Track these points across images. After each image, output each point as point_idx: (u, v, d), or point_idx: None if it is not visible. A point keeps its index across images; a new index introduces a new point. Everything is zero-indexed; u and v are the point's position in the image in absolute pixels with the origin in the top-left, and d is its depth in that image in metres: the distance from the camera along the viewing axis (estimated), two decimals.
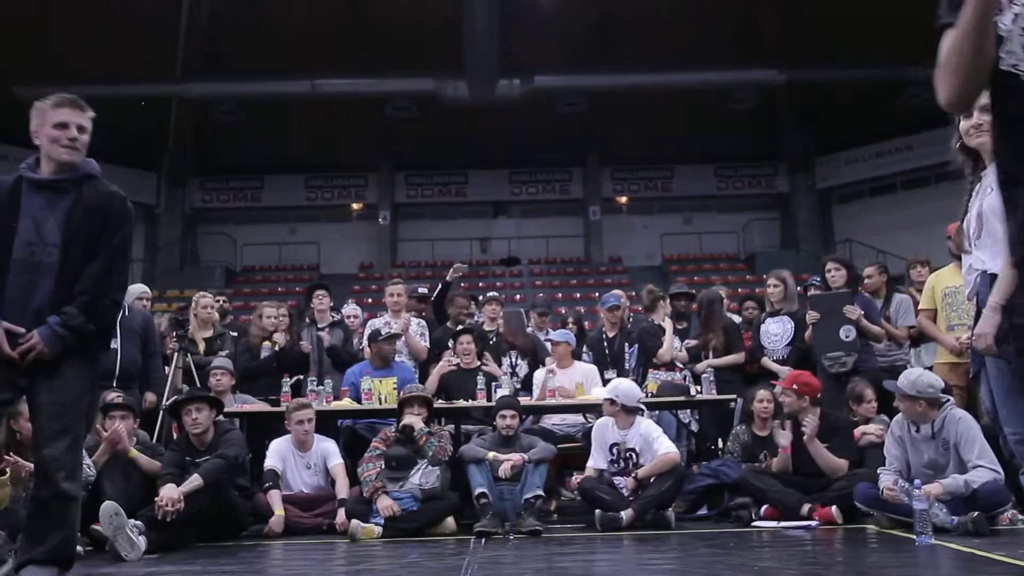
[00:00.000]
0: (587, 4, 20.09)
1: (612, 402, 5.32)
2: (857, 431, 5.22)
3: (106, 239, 3.17)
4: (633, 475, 5.22)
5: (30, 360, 2.98)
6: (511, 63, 18.85)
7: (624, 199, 24.90)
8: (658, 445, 5.19)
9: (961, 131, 2.67)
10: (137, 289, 7.07)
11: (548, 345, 6.93)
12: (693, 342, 6.77)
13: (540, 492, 5.24)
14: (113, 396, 5.27)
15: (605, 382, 6.24)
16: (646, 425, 5.32)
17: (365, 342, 6.88)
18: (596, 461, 5.43)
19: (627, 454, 5.34)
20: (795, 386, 5.10)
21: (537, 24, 18.29)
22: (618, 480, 5.33)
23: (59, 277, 3.08)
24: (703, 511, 5.61)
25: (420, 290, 8.06)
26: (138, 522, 4.54)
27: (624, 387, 5.42)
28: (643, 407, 5.52)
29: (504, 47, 17.89)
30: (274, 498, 5.26)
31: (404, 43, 19.26)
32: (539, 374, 6.45)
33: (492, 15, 16.88)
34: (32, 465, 4.65)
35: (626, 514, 5.05)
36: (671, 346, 6.61)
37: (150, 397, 6.05)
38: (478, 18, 16.94)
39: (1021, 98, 1.66)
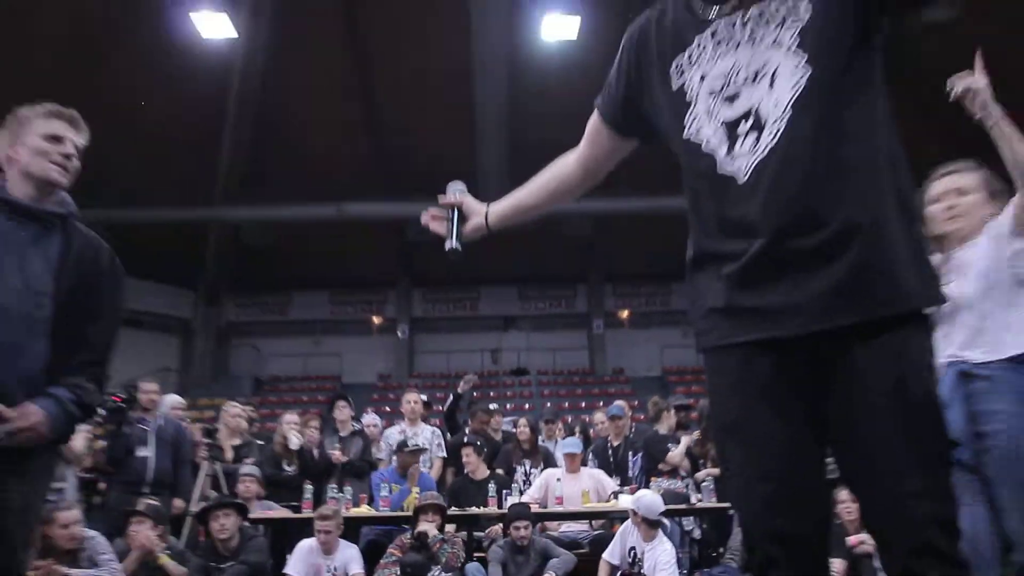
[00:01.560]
0: None
1: (635, 513, 5.25)
2: (854, 538, 5.09)
3: (108, 300, 2.32)
4: None
5: (15, 443, 2.00)
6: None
7: (625, 313, 25.00)
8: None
9: (928, 217, 2.55)
10: (172, 400, 7.13)
11: (558, 455, 6.87)
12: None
13: None
14: (145, 504, 5.24)
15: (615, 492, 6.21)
16: (662, 551, 5.21)
17: (384, 451, 6.84)
18: (612, 556, 5.36)
19: (638, 565, 5.23)
20: None
21: (543, 159, 18.85)
22: None
23: (53, 338, 2.14)
24: None
25: (421, 397, 8.02)
26: None
27: (646, 500, 5.34)
28: (665, 521, 5.44)
29: (512, 177, 18.41)
30: None
31: (423, 172, 19.80)
32: (546, 474, 6.37)
33: (501, 150, 17.53)
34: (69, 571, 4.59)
35: None
36: (683, 452, 6.58)
37: (178, 503, 6.00)
38: (489, 152, 17.58)
39: (701, 167, 1.48)
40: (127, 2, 16.18)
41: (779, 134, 1.37)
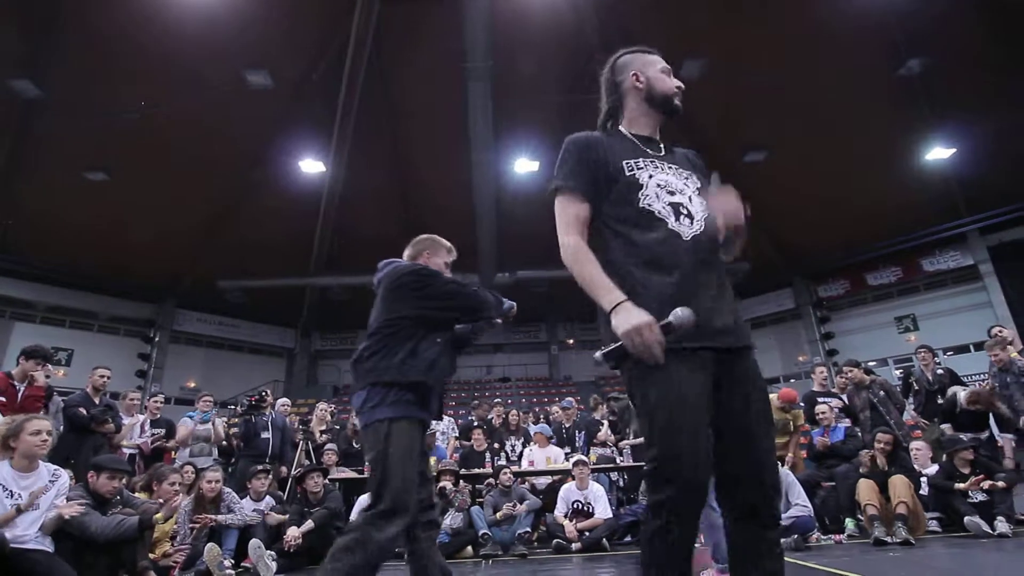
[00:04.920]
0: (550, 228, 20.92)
1: (585, 464, 5.23)
2: None
3: None
4: (575, 524, 5.02)
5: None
6: (503, 264, 19.55)
7: (572, 341, 24.96)
8: (599, 507, 5.05)
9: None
10: (281, 401, 7.03)
11: (531, 432, 6.83)
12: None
13: (528, 529, 5.06)
14: (261, 467, 5.15)
15: (566, 456, 6.15)
16: (598, 490, 5.17)
17: None
18: (559, 509, 5.26)
19: (583, 507, 5.17)
20: None
21: (517, 241, 19.02)
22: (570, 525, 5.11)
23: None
24: (628, 538, 5.36)
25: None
26: (271, 552, 4.34)
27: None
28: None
29: (499, 256, 18.62)
30: None
31: None
32: (527, 452, 6.33)
33: (492, 238, 17.77)
34: (215, 517, 4.44)
35: (575, 546, 4.85)
36: (607, 431, 6.58)
37: (283, 470, 5.90)
38: (484, 240, 17.80)
39: (654, 227, 1.46)
40: (268, 160, 17.13)
41: (702, 227, 1.48)
